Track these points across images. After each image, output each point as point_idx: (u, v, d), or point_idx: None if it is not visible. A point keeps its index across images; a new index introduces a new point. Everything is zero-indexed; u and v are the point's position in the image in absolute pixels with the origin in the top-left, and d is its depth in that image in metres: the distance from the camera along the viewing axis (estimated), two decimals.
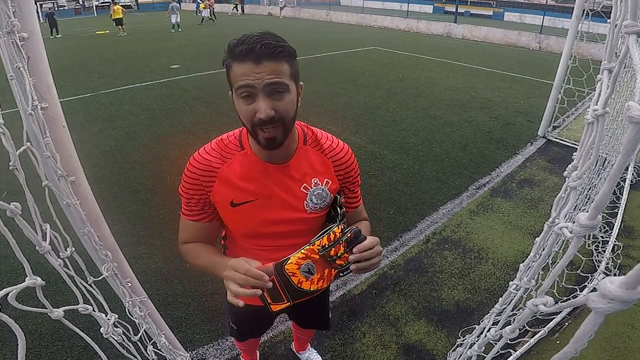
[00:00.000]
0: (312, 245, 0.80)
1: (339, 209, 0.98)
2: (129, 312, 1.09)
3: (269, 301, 0.79)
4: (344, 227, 0.80)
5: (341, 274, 0.81)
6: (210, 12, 20.32)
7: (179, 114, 5.42)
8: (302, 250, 0.80)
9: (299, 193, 0.94)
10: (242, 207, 0.92)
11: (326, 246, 0.78)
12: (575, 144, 4.50)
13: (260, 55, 0.73)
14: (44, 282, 0.53)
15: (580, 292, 2.23)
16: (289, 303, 0.80)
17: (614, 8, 0.81)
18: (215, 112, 5.48)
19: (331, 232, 0.78)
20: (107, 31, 15.54)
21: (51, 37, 14.12)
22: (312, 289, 0.81)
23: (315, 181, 0.95)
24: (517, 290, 0.92)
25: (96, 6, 27.68)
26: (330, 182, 0.97)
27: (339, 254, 0.78)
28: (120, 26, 14.51)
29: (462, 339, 1.58)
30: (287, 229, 0.97)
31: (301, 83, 0.85)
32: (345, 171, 1.00)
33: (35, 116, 0.72)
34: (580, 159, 0.72)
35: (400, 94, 6.59)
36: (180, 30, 15.55)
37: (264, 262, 0.80)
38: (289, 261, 0.79)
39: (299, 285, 0.80)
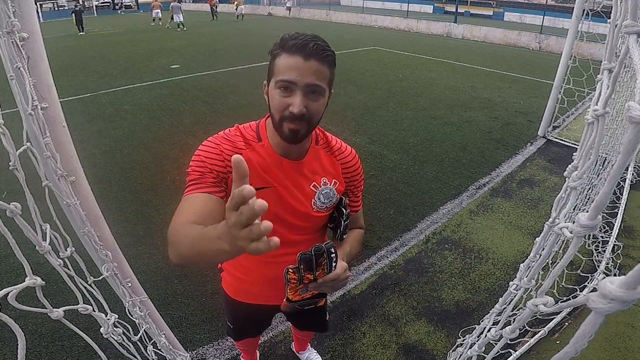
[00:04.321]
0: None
1: (343, 210, 1.00)
2: (129, 312, 1.09)
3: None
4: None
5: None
6: (213, 10, 20.41)
7: (179, 114, 5.42)
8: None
9: (308, 191, 0.96)
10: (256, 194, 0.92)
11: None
12: (575, 144, 4.50)
13: (310, 53, 0.78)
14: (44, 282, 0.53)
15: (580, 292, 2.23)
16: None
17: (614, 8, 0.81)
18: (215, 112, 5.48)
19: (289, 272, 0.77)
20: (96, 30, 15.77)
21: (79, 33, 15.12)
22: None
23: (324, 180, 0.98)
24: (517, 290, 0.92)
25: (96, 6, 27.69)
26: (338, 182, 1.00)
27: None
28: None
29: (462, 339, 1.58)
30: (292, 225, 0.99)
31: (332, 91, 0.89)
32: (352, 174, 1.04)
33: (35, 116, 0.72)
34: (580, 159, 0.72)
35: (400, 94, 6.59)
36: (185, 29, 15.62)
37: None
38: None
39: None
